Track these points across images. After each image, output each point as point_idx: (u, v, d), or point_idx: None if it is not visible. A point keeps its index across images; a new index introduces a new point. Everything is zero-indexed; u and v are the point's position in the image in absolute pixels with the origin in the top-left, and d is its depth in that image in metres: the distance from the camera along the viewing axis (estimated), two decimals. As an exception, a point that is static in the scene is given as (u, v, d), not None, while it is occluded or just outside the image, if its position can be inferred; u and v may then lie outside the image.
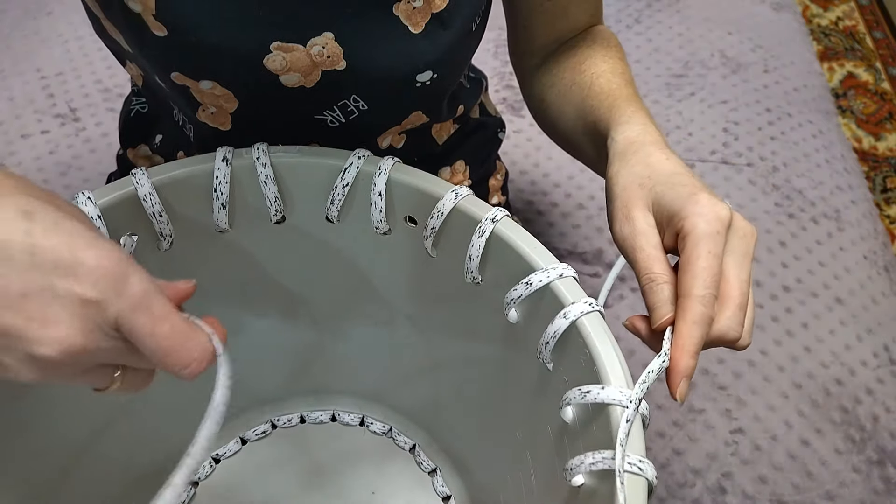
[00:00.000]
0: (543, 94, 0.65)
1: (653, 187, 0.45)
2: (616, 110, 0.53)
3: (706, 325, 0.41)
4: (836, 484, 0.82)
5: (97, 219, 0.45)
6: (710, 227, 0.42)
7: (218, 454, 0.65)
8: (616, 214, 0.46)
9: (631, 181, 0.46)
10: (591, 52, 0.62)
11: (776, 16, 1.37)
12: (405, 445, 0.67)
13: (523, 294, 0.46)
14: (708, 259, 0.42)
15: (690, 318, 0.41)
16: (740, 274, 0.43)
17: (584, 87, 0.59)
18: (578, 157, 0.63)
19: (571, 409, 0.44)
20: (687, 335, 0.41)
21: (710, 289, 0.42)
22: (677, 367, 0.41)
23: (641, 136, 0.49)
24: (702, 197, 0.43)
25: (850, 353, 0.91)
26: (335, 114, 0.58)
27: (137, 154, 0.72)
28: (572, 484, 0.42)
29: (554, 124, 0.64)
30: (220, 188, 0.49)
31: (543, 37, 0.66)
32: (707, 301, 0.41)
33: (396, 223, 0.52)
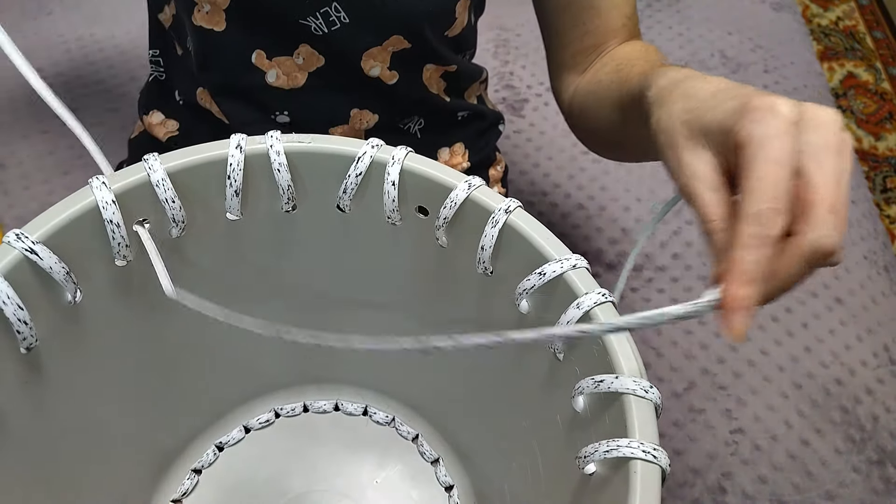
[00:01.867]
0: (584, 102, 0.64)
1: (698, 117, 0.40)
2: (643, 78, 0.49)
3: (762, 246, 0.35)
4: (836, 484, 0.82)
5: (111, 204, 0.45)
6: (764, 129, 0.36)
7: (221, 442, 0.66)
8: (668, 165, 0.42)
9: (672, 123, 0.42)
10: (631, 53, 0.61)
11: (776, 16, 1.37)
12: (408, 435, 0.68)
13: (536, 284, 0.46)
14: (763, 167, 0.36)
15: (738, 244, 0.35)
16: (823, 169, 0.36)
17: (622, 80, 0.57)
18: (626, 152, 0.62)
19: (583, 398, 0.45)
20: (737, 262, 0.35)
21: (768, 202, 0.35)
22: (726, 299, 0.35)
23: (674, 75, 0.45)
24: (752, 101, 0.38)
25: (850, 353, 0.91)
26: (318, 21, 0.61)
27: (152, 122, 0.75)
28: (585, 472, 0.42)
29: (595, 128, 0.62)
30: (234, 175, 0.49)
31: (577, 41, 0.65)
32: (762, 217, 0.35)
33: (408, 213, 0.52)
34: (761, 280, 0.35)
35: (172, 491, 0.63)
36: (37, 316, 0.44)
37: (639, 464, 0.38)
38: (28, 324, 0.43)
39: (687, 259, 0.99)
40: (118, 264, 0.49)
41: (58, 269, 0.44)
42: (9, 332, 0.43)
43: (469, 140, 0.77)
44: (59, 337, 0.47)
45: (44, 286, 0.45)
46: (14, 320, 0.42)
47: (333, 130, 0.70)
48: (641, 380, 0.41)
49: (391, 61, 0.66)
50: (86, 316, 0.49)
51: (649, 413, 0.40)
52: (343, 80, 0.67)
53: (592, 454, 0.41)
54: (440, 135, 0.75)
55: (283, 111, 0.69)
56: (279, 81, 0.66)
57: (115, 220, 0.46)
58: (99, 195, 0.45)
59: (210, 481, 0.64)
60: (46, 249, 0.43)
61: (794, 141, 0.36)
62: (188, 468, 0.64)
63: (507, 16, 1.30)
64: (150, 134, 0.77)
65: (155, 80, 0.77)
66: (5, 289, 0.41)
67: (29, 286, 0.43)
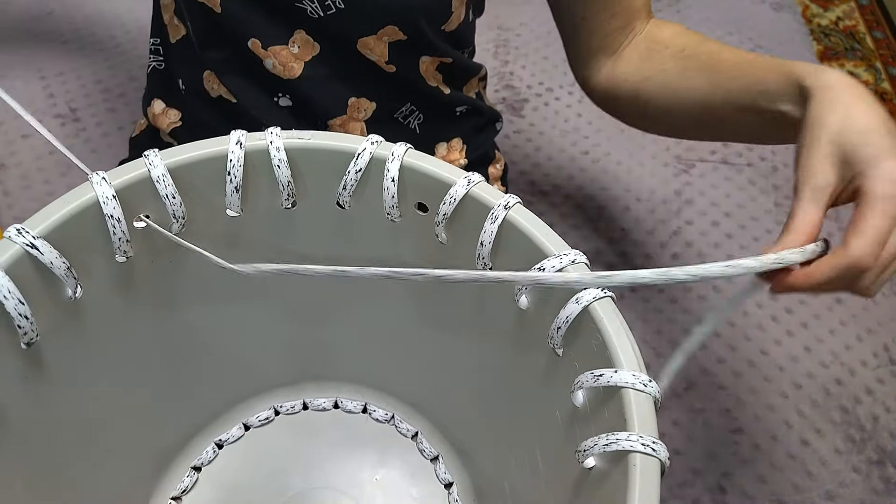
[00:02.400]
0: (637, 89, 0.67)
1: (843, 143, 0.46)
2: (789, 65, 0.54)
3: (843, 276, 0.43)
4: (836, 484, 0.82)
5: (112, 199, 0.45)
6: (888, 189, 0.43)
7: (221, 439, 0.66)
8: (800, 159, 0.47)
9: (825, 133, 0.47)
10: (685, 39, 0.65)
11: (776, 16, 1.37)
12: (407, 433, 0.68)
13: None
14: (878, 220, 0.43)
15: (833, 262, 0.43)
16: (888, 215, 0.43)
17: (709, 66, 0.61)
18: (716, 133, 0.65)
19: (582, 393, 0.45)
20: (819, 270, 0.43)
21: (870, 249, 0.42)
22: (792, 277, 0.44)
23: (840, 81, 0.49)
24: (888, 162, 0.44)
25: (850, 353, 0.91)
26: (314, 4, 0.62)
27: (154, 112, 0.76)
28: (584, 466, 0.42)
29: (667, 113, 0.65)
30: (234, 171, 0.49)
31: (605, 24, 0.68)
32: (860, 261, 0.42)
33: (407, 210, 0.52)
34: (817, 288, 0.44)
35: (172, 488, 0.63)
36: (37, 311, 0.44)
37: (638, 457, 0.38)
38: (29, 319, 0.43)
39: (687, 259, 0.99)
40: (119, 260, 0.49)
41: (58, 265, 0.44)
42: (9, 327, 0.43)
43: (467, 136, 0.77)
44: (59, 332, 0.47)
45: (44, 281, 0.45)
46: (15, 315, 0.42)
47: (332, 123, 0.70)
48: (641, 374, 0.41)
49: (389, 54, 0.67)
50: (86, 311, 0.49)
51: (648, 407, 0.40)
52: (340, 67, 0.67)
53: (592, 448, 0.41)
54: (438, 129, 0.75)
55: (286, 94, 0.69)
56: (276, 70, 0.67)
57: (115, 215, 0.46)
58: (99, 190, 0.45)
59: (209, 479, 0.64)
60: (47, 244, 0.43)
61: None
62: (188, 465, 0.64)
63: (507, 16, 1.30)
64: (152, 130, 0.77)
65: (154, 69, 0.77)
66: (6, 283, 0.41)
67: (30, 281, 0.43)
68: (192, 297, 0.57)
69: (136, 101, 1.11)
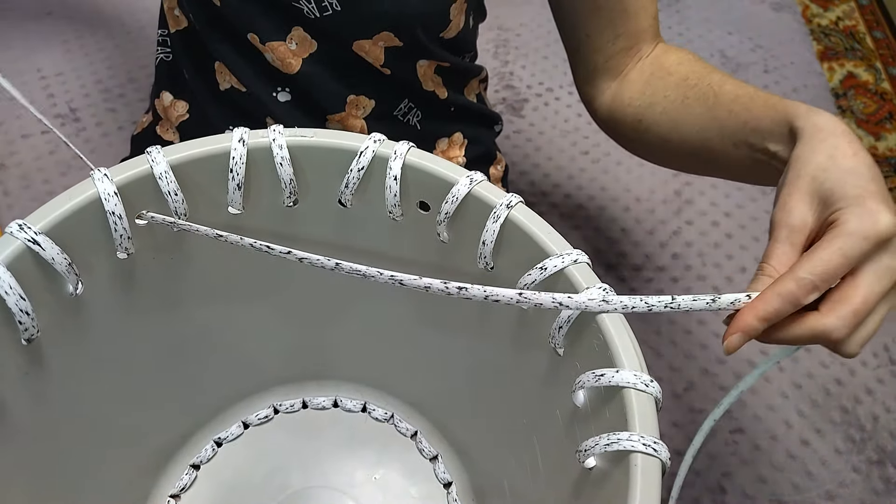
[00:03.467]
0: (640, 115, 0.65)
1: (825, 182, 0.44)
2: (791, 108, 0.52)
3: (788, 302, 0.41)
4: (836, 484, 0.82)
5: (113, 196, 0.45)
6: (859, 228, 0.42)
7: (220, 437, 0.66)
8: (779, 197, 0.46)
9: (807, 171, 0.46)
10: (689, 67, 0.64)
11: (776, 16, 1.37)
12: (407, 432, 0.68)
13: (537, 279, 0.46)
14: (832, 253, 0.41)
15: (775, 288, 0.41)
16: (873, 287, 0.42)
17: (707, 97, 0.59)
18: (709, 169, 0.63)
19: (584, 392, 0.45)
20: (763, 299, 0.42)
21: (815, 277, 0.41)
22: (737, 321, 0.42)
23: (831, 124, 0.48)
24: (869, 202, 0.42)
25: (850, 353, 0.91)
26: (310, 5, 0.62)
27: (162, 103, 0.76)
28: (585, 466, 0.42)
29: (666, 142, 0.64)
30: (237, 168, 0.49)
31: (609, 44, 0.66)
32: (802, 283, 0.41)
33: (409, 208, 0.52)
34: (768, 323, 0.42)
35: (171, 486, 0.63)
36: (38, 307, 0.44)
37: (639, 457, 0.38)
38: (30, 314, 0.43)
39: (687, 259, 0.99)
40: (120, 257, 0.49)
41: (60, 261, 0.44)
42: (10, 323, 0.43)
43: (467, 131, 0.77)
44: (60, 328, 0.47)
45: (46, 277, 0.45)
46: (16, 311, 0.42)
47: (331, 118, 0.70)
48: (642, 374, 0.41)
49: (384, 58, 0.67)
50: (87, 308, 0.49)
51: (650, 407, 0.40)
52: (337, 66, 0.67)
53: (593, 448, 0.41)
54: (438, 126, 0.75)
55: (285, 88, 0.69)
56: (275, 65, 0.67)
57: (117, 211, 0.46)
58: (101, 187, 0.45)
59: (208, 477, 0.64)
60: (49, 240, 0.43)
61: (872, 252, 0.42)
62: (187, 463, 0.64)
63: (507, 16, 1.30)
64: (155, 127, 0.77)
65: (162, 61, 0.77)
66: (7, 279, 0.41)
67: (31, 277, 0.43)
68: (192, 295, 0.57)
69: (136, 101, 1.11)
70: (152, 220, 0.47)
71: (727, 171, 0.60)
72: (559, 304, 0.40)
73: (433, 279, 0.40)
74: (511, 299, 0.40)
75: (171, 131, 0.76)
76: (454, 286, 0.40)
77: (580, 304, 0.41)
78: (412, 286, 0.40)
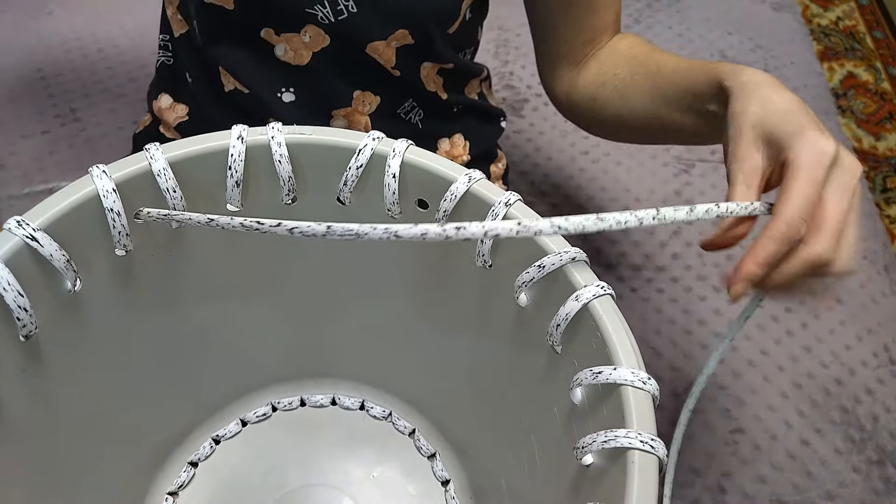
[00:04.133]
0: (594, 95, 0.70)
1: (764, 126, 0.48)
2: (719, 68, 0.56)
3: (783, 243, 0.44)
4: (836, 484, 0.82)
5: (112, 192, 0.45)
6: (811, 158, 0.45)
7: (218, 435, 0.66)
8: (728, 151, 0.50)
9: (745, 120, 0.49)
10: (638, 48, 0.68)
11: (776, 16, 1.37)
12: (405, 430, 0.68)
13: (535, 277, 0.46)
14: (803, 186, 0.45)
15: (768, 233, 0.45)
16: (839, 204, 0.45)
17: (652, 72, 0.64)
18: (660, 137, 0.68)
19: (581, 390, 0.45)
20: (760, 245, 0.45)
21: (799, 212, 0.44)
22: (740, 269, 0.45)
23: (756, 77, 0.52)
24: (809, 133, 0.46)
25: (850, 353, 0.91)
26: (325, 10, 0.63)
27: (161, 106, 0.76)
28: (582, 463, 0.42)
29: (617, 116, 0.68)
30: (235, 166, 0.49)
31: (573, 37, 0.71)
32: (791, 222, 0.44)
33: (408, 206, 0.52)
34: (769, 266, 0.45)
35: (169, 483, 0.63)
36: (36, 303, 0.44)
37: (636, 454, 0.38)
38: (28, 311, 0.43)
39: (687, 259, 0.99)
40: (118, 253, 0.49)
41: (58, 257, 0.44)
42: (8, 320, 0.43)
43: (469, 132, 0.77)
44: (58, 325, 0.47)
45: (44, 274, 0.45)
46: (14, 307, 0.42)
47: (336, 113, 0.70)
48: (639, 371, 0.41)
49: (396, 58, 0.67)
50: (85, 305, 0.49)
51: (647, 404, 0.40)
52: (347, 63, 0.68)
53: (590, 445, 0.41)
54: (439, 125, 0.76)
55: (289, 88, 0.69)
56: (287, 56, 0.67)
57: (115, 208, 0.46)
58: (99, 184, 0.45)
59: (206, 474, 0.64)
60: (47, 237, 0.43)
61: (828, 174, 0.46)
62: (184, 461, 0.64)
63: (507, 16, 1.30)
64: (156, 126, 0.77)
65: (163, 64, 0.77)
66: (6, 275, 0.41)
67: (29, 273, 0.43)
68: (191, 293, 0.57)
69: (137, 101, 1.11)
70: (148, 217, 0.47)
71: (678, 136, 0.65)
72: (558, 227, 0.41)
73: (429, 224, 0.40)
74: (511, 231, 0.40)
75: (171, 132, 0.76)
76: (451, 227, 0.40)
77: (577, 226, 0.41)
78: (408, 236, 0.40)
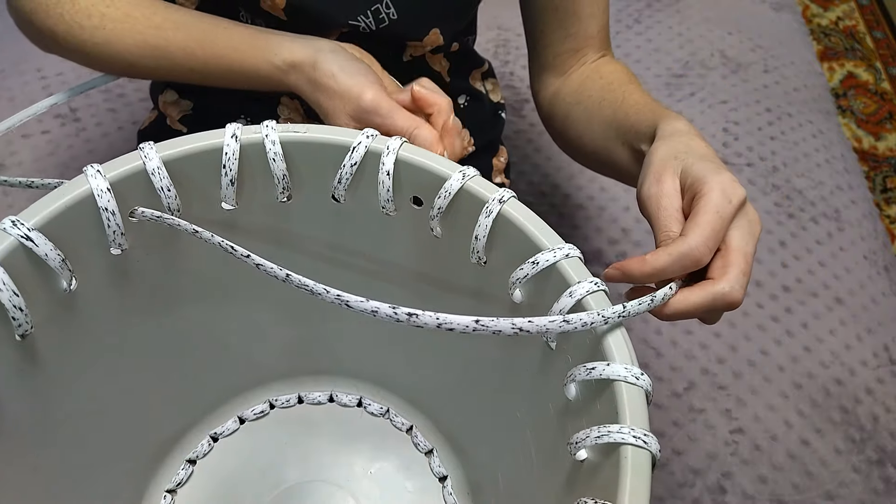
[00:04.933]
0: (568, 111, 0.71)
1: (685, 159, 0.50)
2: (661, 113, 0.58)
3: (679, 262, 0.45)
4: (836, 484, 0.82)
5: (107, 192, 0.45)
6: (723, 195, 0.47)
7: (216, 433, 0.66)
8: (648, 178, 0.51)
9: (668, 153, 0.51)
10: (617, 76, 0.70)
11: (776, 16, 1.37)
12: (402, 426, 0.68)
13: (529, 273, 0.46)
14: (713, 217, 0.46)
15: (668, 249, 0.45)
16: (745, 246, 0.47)
17: (617, 101, 0.65)
18: (605, 167, 0.68)
19: (575, 386, 0.45)
20: (655, 255, 0.46)
21: (703, 240, 0.45)
22: (625, 263, 0.47)
23: (686, 128, 0.54)
24: (725, 174, 0.48)
25: (850, 353, 0.91)
26: (368, 19, 0.64)
27: (166, 101, 0.76)
28: (576, 458, 0.42)
29: (580, 137, 0.69)
30: (229, 164, 0.49)
31: (559, 43, 0.73)
32: (695, 248, 0.45)
33: (402, 204, 0.52)
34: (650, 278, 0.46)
35: (167, 481, 0.63)
36: (32, 303, 0.44)
37: (629, 449, 0.38)
38: (23, 310, 0.43)
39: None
40: (113, 252, 0.49)
41: (53, 257, 0.44)
42: (4, 319, 0.43)
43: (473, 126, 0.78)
44: (54, 324, 0.47)
45: (39, 273, 0.45)
46: (9, 307, 0.42)
47: None
48: (633, 367, 0.41)
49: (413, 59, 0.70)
50: (81, 304, 0.49)
51: (640, 399, 0.40)
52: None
53: (584, 440, 0.41)
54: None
55: None
56: None
57: (110, 207, 0.46)
58: (94, 183, 0.45)
59: (204, 472, 0.64)
60: (42, 236, 0.43)
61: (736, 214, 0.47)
62: (183, 458, 0.64)
63: (507, 16, 1.30)
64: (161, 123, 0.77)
65: None
66: (1, 275, 0.41)
67: (24, 273, 0.43)
68: (187, 291, 0.57)
69: (136, 101, 1.11)
70: (142, 216, 0.47)
71: (613, 170, 0.66)
72: (519, 330, 0.40)
73: (381, 303, 0.40)
74: (467, 327, 0.40)
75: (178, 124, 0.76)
76: (403, 312, 0.40)
77: (541, 328, 0.40)
78: (358, 309, 0.40)
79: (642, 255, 0.46)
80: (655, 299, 0.44)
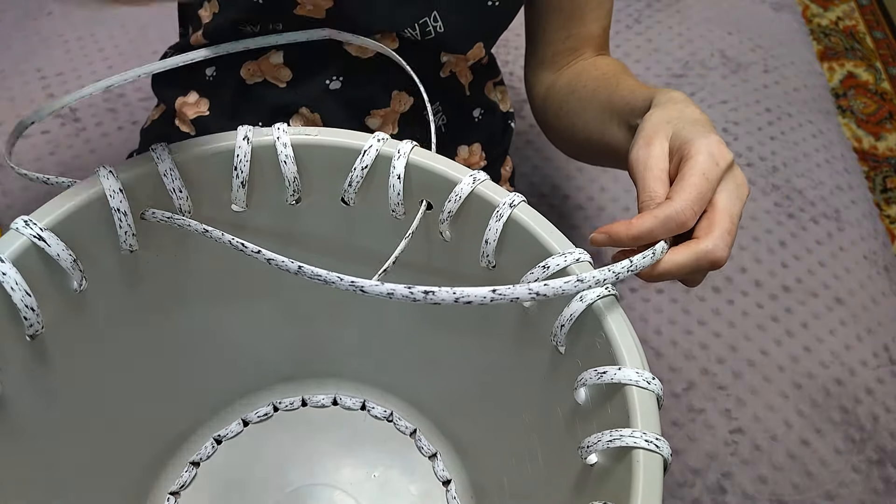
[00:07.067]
0: (562, 101, 0.71)
1: (676, 124, 0.50)
2: (658, 90, 0.58)
3: (664, 225, 0.45)
4: (836, 484, 0.82)
5: (119, 192, 0.45)
6: (711, 157, 0.47)
7: (219, 435, 0.66)
8: (638, 141, 0.51)
9: (660, 118, 0.52)
10: (613, 68, 0.70)
11: (776, 16, 1.37)
12: (406, 430, 0.68)
13: (539, 277, 0.46)
14: (699, 178, 0.46)
15: (654, 212, 0.46)
16: (731, 208, 0.47)
17: (612, 87, 0.65)
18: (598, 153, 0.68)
19: (585, 390, 0.45)
20: (641, 219, 0.46)
21: (689, 203, 0.45)
22: (611, 226, 0.47)
23: (682, 97, 0.54)
24: (713, 136, 0.48)
25: (850, 353, 0.91)
26: (415, 31, 0.64)
27: (186, 101, 0.74)
28: (587, 462, 0.43)
29: (573, 126, 0.69)
30: (241, 166, 0.50)
31: (559, 42, 0.73)
32: (680, 210, 0.45)
33: (412, 207, 0.52)
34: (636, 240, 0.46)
35: (170, 483, 0.63)
36: (43, 303, 0.44)
37: (641, 453, 0.38)
38: (35, 310, 0.43)
39: (687, 259, 0.99)
40: (124, 253, 0.49)
41: (65, 257, 0.44)
42: (15, 319, 0.43)
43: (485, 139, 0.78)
44: (63, 324, 0.47)
45: (51, 273, 0.45)
46: (22, 307, 0.42)
47: (375, 112, 0.70)
48: (644, 371, 0.41)
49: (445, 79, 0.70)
50: (91, 304, 0.49)
51: (651, 404, 0.40)
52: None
53: (595, 444, 0.41)
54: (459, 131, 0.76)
55: (339, 77, 0.68)
56: (350, 47, 0.67)
57: (122, 208, 0.46)
58: (106, 184, 0.45)
59: (208, 474, 0.64)
60: (54, 236, 0.43)
61: (723, 175, 0.48)
62: (186, 461, 0.64)
63: (508, 17, 1.30)
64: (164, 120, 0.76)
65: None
66: (14, 275, 0.41)
67: (36, 273, 0.43)
68: (195, 292, 0.57)
69: (136, 101, 1.11)
70: (153, 217, 0.47)
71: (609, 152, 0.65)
72: (536, 294, 0.41)
73: (396, 285, 0.40)
74: (484, 298, 0.40)
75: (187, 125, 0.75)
76: (419, 290, 0.40)
77: (557, 291, 0.41)
78: (374, 293, 0.40)
79: (631, 219, 0.47)
80: (656, 253, 0.45)
